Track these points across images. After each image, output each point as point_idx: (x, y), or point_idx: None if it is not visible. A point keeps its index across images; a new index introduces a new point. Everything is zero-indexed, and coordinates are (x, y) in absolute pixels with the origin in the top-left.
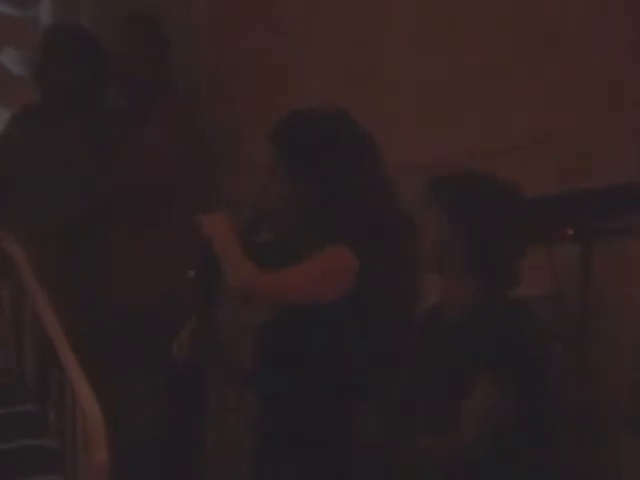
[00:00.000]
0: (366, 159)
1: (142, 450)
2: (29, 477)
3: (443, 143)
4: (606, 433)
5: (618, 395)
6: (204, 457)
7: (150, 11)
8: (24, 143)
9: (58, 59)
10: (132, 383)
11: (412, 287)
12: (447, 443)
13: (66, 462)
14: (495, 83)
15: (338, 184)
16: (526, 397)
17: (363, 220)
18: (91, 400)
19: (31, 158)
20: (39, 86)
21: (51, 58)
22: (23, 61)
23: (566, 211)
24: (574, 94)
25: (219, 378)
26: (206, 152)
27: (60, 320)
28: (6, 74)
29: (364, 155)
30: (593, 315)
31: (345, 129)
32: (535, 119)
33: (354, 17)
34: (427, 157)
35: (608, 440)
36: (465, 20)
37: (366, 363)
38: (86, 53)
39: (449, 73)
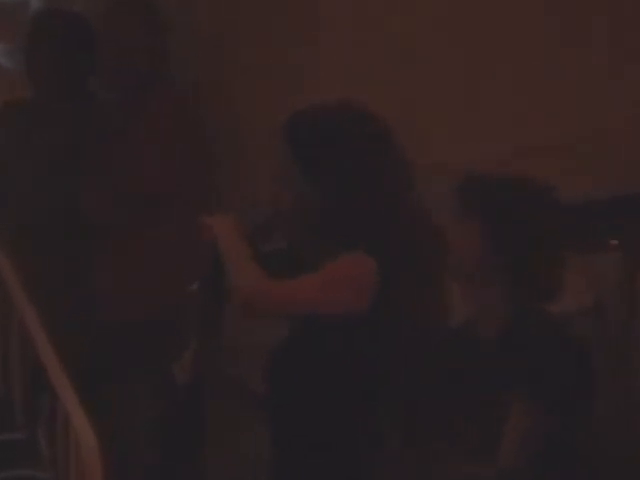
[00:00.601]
0: (374, 158)
1: (142, 451)
2: None
3: (473, 142)
4: None
5: None
6: (204, 457)
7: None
8: (15, 140)
9: (47, 46)
10: (132, 383)
11: (426, 293)
12: (484, 468)
13: None
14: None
15: (338, 185)
16: (564, 420)
17: (363, 222)
18: (85, 425)
19: (23, 155)
20: (29, 77)
21: (40, 46)
22: (13, 53)
23: (608, 219)
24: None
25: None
26: (206, 152)
27: (50, 334)
28: None
29: (372, 154)
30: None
31: (352, 128)
32: (567, 119)
33: (360, 15)
34: (456, 157)
35: None
36: (495, 23)
37: (377, 370)
38: (78, 39)
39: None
